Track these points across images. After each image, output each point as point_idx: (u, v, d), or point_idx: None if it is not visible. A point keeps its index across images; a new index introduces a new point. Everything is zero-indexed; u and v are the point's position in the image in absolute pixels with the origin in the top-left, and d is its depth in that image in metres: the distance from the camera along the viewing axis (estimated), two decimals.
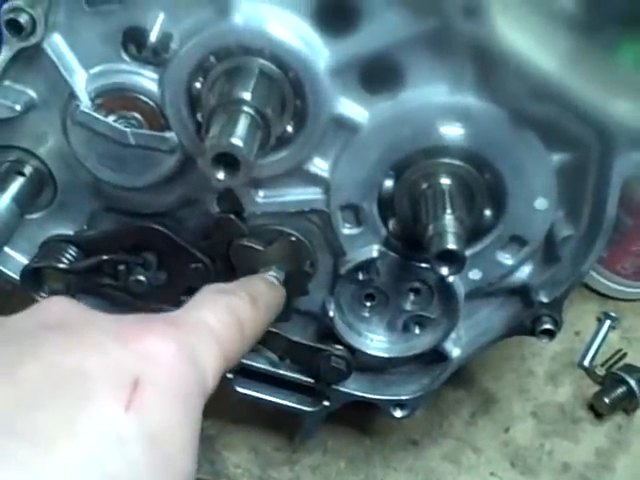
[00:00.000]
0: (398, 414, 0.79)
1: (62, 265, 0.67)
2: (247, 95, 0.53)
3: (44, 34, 0.58)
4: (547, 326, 0.71)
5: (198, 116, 0.60)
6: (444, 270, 0.58)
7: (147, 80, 0.60)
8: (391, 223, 0.66)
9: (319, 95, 0.58)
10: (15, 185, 0.65)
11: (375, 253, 0.67)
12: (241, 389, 0.79)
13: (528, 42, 0.55)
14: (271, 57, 0.56)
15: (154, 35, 0.57)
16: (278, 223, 0.67)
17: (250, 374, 0.77)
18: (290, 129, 0.60)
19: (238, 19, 0.56)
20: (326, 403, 0.79)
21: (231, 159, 0.50)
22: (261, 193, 0.65)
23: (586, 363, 0.97)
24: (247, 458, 0.89)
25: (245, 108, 0.53)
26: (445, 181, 0.62)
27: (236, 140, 0.50)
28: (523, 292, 0.71)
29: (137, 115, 0.61)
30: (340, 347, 0.74)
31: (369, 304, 0.73)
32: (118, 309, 0.71)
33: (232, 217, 0.66)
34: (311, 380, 0.77)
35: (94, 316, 0.45)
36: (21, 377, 0.37)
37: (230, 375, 0.77)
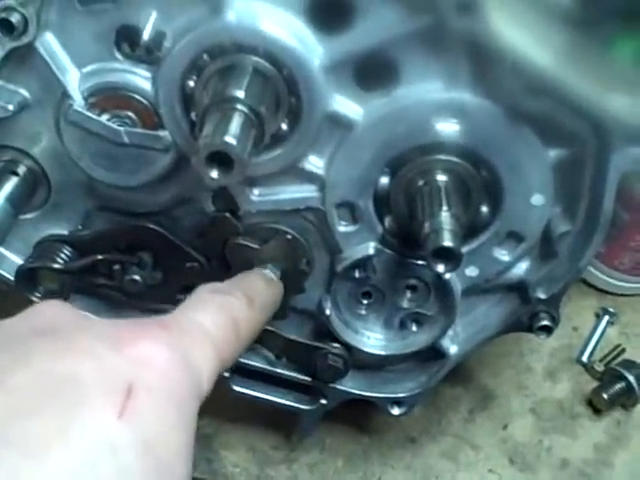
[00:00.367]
0: (396, 412, 0.79)
1: (57, 265, 0.67)
2: (241, 93, 0.53)
3: (36, 33, 0.57)
4: (545, 322, 0.71)
5: (192, 115, 0.59)
6: (440, 267, 0.58)
7: (140, 79, 0.60)
8: (387, 220, 0.66)
9: (313, 92, 0.58)
10: (9, 185, 0.65)
11: (371, 250, 0.67)
12: (238, 388, 0.78)
13: (524, 38, 0.55)
14: (265, 55, 0.56)
15: (147, 33, 0.57)
16: (273, 221, 0.67)
17: (247, 373, 0.77)
18: (285, 127, 0.60)
19: (231, 17, 0.56)
20: (323, 401, 0.79)
21: (225, 158, 0.50)
22: (256, 191, 0.65)
23: (584, 359, 0.97)
24: (244, 457, 0.88)
25: (239, 106, 0.53)
26: (441, 178, 0.61)
27: (230, 139, 0.50)
28: (520, 288, 0.71)
29: (131, 114, 0.61)
30: (337, 345, 0.74)
31: (366, 302, 0.72)
32: (114, 309, 0.71)
33: (227, 216, 0.66)
34: (308, 378, 0.77)
35: (87, 321, 0.45)
36: (12, 385, 0.37)
37: (227, 374, 0.76)
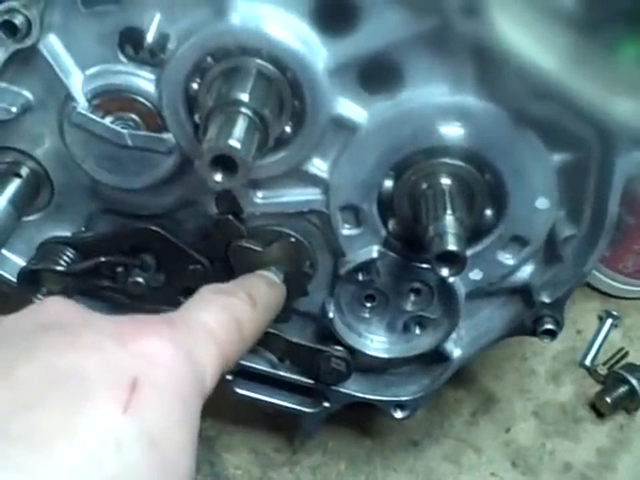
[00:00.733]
0: (398, 415, 0.79)
1: (60, 267, 0.67)
2: (245, 96, 0.53)
3: (40, 35, 0.57)
4: (549, 326, 0.71)
5: (196, 117, 0.59)
6: (445, 271, 0.57)
7: (144, 81, 0.59)
8: (391, 224, 0.66)
9: (318, 95, 0.58)
10: (12, 187, 0.64)
11: (375, 254, 0.67)
12: (241, 390, 0.78)
13: (528, 41, 0.55)
14: (269, 57, 0.56)
15: (151, 36, 0.57)
16: (277, 224, 0.67)
17: (250, 375, 0.77)
18: (288, 130, 0.59)
19: (235, 19, 0.55)
20: (326, 404, 0.78)
21: (229, 161, 0.50)
22: (260, 194, 0.65)
23: (588, 362, 0.97)
24: (247, 459, 0.88)
25: (243, 109, 0.52)
26: (445, 181, 0.61)
27: (234, 142, 0.50)
28: (524, 292, 0.71)
29: (134, 116, 0.61)
30: (340, 348, 0.74)
31: (369, 305, 0.72)
32: (116, 311, 0.70)
33: (231, 218, 0.66)
34: (311, 381, 0.77)
35: (91, 316, 0.45)
36: (16, 378, 0.37)
37: (230, 377, 0.76)
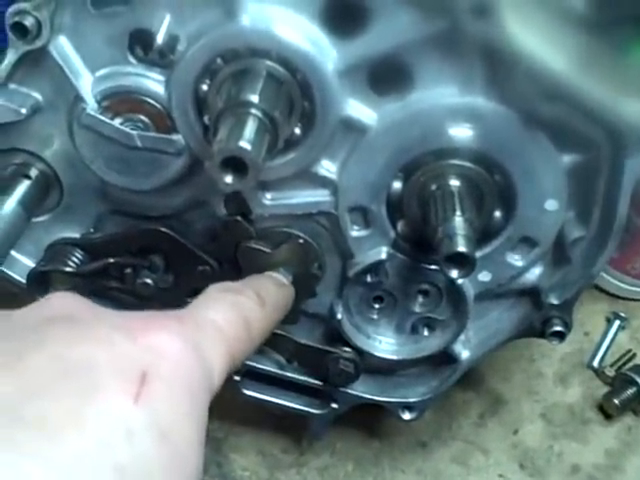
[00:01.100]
0: (406, 416, 0.79)
1: (68, 268, 0.67)
2: (255, 98, 0.53)
3: (50, 37, 0.57)
4: (557, 328, 0.70)
5: (205, 119, 0.59)
6: (454, 273, 0.57)
7: (154, 82, 0.60)
8: (400, 225, 0.66)
9: (327, 97, 0.58)
10: (21, 188, 0.64)
11: (384, 255, 0.67)
12: (248, 392, 0.78)
13: (538, 42, 0.55)
14: (279, 59, 0.56)
15: (160, 37, 0.57)
16: (286, 225, 0.67)
17: (257, 376, 0.77)
18: (298, 131, 0.59)
19: (245, 21, 0.55)
20: (334, 405, 0.78)
21: (239, 162, 0.50)
22: (269, 195, 0.65)
23: (595, 364, 0.97)
24: (254, 461, 0.88)
25: (253, 111, 0.52)
26: (454, 183, 0.61)
27: (244, 144, 0.50)
28: (533, 294, 0.71)
29: (144, 118, 0.61)
30: (348, 349, 0.74)
31: (377, 306, 0.72)
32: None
33: (239, 219, 0.65)
34: (319, 382, 0.77)
35: (100, 311, 0.45)
36: (27, 367, 0.37)
37: (237, 377, 0.76)
